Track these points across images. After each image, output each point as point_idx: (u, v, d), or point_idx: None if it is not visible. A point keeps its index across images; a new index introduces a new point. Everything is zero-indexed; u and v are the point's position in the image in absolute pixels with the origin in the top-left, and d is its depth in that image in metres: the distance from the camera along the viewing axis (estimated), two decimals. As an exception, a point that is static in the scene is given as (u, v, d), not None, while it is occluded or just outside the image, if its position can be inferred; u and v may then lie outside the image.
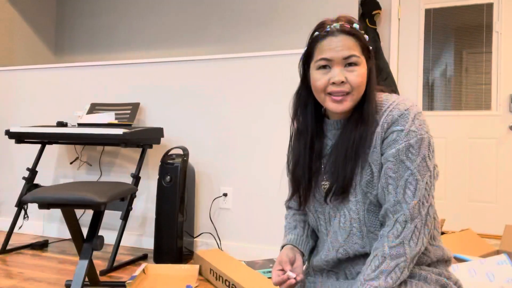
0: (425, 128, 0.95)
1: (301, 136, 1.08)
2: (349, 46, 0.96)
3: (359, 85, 0.97)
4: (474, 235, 2.20)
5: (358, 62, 0.97)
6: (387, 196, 0.94)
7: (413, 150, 0.92)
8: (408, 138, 0.92)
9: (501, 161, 3.14)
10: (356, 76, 0.96)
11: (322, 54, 0.98)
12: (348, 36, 0.97)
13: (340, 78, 0.95)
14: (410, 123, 0.93)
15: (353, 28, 0.98)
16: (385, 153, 0.95)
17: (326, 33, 0.98)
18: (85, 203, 1.59)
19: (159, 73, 2.79)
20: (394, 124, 0.95)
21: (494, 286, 1.58)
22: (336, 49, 0.96)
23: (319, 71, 0.99)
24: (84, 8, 4.31)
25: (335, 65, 0.97)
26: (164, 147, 2.74)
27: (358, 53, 0.97)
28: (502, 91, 3.15)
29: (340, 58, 0.96)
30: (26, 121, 3.17)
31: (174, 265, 2.13)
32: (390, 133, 0.95)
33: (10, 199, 3.18)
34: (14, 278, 2.05)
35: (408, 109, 0.95)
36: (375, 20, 3.38)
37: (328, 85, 0.98)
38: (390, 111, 0.96)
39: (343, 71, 0.97)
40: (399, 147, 0.93)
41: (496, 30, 3.19)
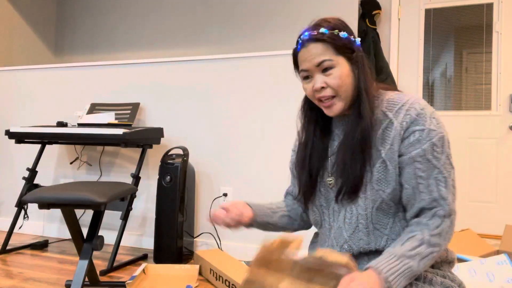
0: (443, 126, 0.96)
1: (308, 133, 1.11)
2: (319, 53, 0.98)
3: (340, 86, 0.98)
4: (474, 235, 2.20)
5: (333, 65, 0.98)
6: (419, 195, 0.94)
7: (437, 149, 0.94)
8: (430, 137, 0.94)
9: (501, 161, 3.14)
10: (334, 78, 0.98)
11: (301, 66, 1.02)
12: (316, 43, 0.98)
13: (319, 84, 0.98)
14: (429, 122, 0.94)
15: (320, 33, 0.99)
16: (408, 153, 0.95)
17: (300, 45, 1.02)
18: (85, 203, 1.59)
19: (159, 73, 2.79)
20: (413, 123, 0.95)
21: (494, 286, 1.58)
22: (308, 59, 0.99)
23: (305, 81, 1.03)
24: (84, 8, 4.31)
25: (313, 73, 1.00)
26: (164, 147, 2.74)
27: (330, 56, 0.98)
28: (502, 91, 3.15)
29: (313, 66, 0.99)
30: (26, 121, 3.17)
31: (174, 265, 2.13)
32: (411, 133, 0.95)
33: (10, 199, 3.18)
34: (14, 278, 2.05)
35: (423, 108, 0.96)
36: (375, 20, 3.38)
37: (314, 93, 1.01)
38: (408, 110, 0.96)
39: (322, 77, 0.99)
40: (424, 147, 0.93)
41: (496, 30, 3.19)
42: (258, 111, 2.54)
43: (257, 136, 2.54)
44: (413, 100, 0.98)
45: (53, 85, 3.09)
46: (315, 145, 1.10)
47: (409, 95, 1.01)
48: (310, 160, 1.09)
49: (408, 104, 0.97)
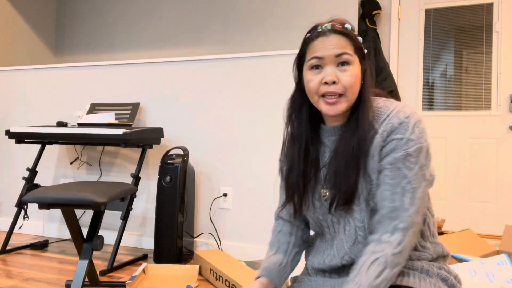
0: (425, 137, 0.94)
1: (296, 142, 1.05)
2: (341, 45, 0.95)
3: (352, 86, 0.94)
4: (474, 235, 2.20)
5: (351, 61, 0.95)
6: (383, 202, 0.92)
7: (411, 159, 0.91)
8: (407, 146, 0.91)
9: (501, 161, 3.14)
10: (349, 76, 0.94)
11: (314, 53, 0.97)
12: (340, 35, 0.96)
13: (332, 77, 0.93)
14: (410, 132, 0.92)
15: (345, 28, 0.97)
16: (381, 161, 0.93)
17: (317, 33, 0.97)
18: (85, 203, 1.59)
19: (159, 73, 2.79)
20: (393, 132, 0.93)
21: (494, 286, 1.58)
22: (328, 47, 0.95)
23: (312, 72, 0.97)
24: (84, 8, 4.31)
25: (327, 64, 0.95)
26: (164, 147, 2.74)
27: (350, 51, 0.95)
28: (502, 91, 3.15)
29: (332, 56, 0.95)
30: (26, 121, 3.17)
31: (174, 265, 2.13)
32: (389, 142, 0.93)
33: (10, 199, 3.18)
34: (14, 278, 2.05)
35: (408, 117, 0.93)
36: (375, 20, 3.38)
37: (321, 86, 0.96)
38: (390, 120, 0.94)
39: (336, 70, 0.95)
40: (397, 155, 0.91)
41: (496, 30, 3.19)
42: (259, 111, 2.54)
43: (257, 136, 2.54)
44: (398, 109, 0.95)
45: (53, 85, 3.09)
46: (309, 155, 1.03)
47: (395, 103, 0.98)
48: (303, 173, 1.03)
49: (393, 113, 0.95)
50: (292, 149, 1.05)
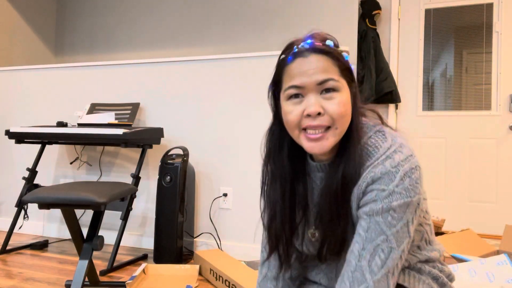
0: (417, 189, 0.77)
1: (277, 183, 0.90)
2: (324, 68, 0.79)
3: (341, 116, 0.79)
4: (474, 235, 2.20)
5: (338, 87, 0.79)
6: (350, 256, 0.79)
7: (394, 214, 0.76)
8: (390, 199, 0.76)
9: (501, 161, 3.14)
10: (337, 104, 0.78)
11: (291, 80, 0.80)
12: (321, 55, 0.80)
13: (316, 108, 0.78)
14: (396, 183, 0.76)
15: (327, 46, 0.81)
16: (360, 209, 0.80)
17: (294, 54, 0.81)
18: (85, 203, 1.59)
19: (159, 73, 2.79)
20: (375, 182, 0.78)
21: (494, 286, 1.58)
22: (307, 72, 0.79)
23: (290, 102, 0.81)
24: (84, 8, 4.31)
25: (308, 93, 0.79)
26: (164, 147, 2.74)
27: (336, 75, 0.79)
28: (502, 91, 3.15)
29: (313, 83, 0.78)
30: (26, 121, 3.17)
31: (174, 265, 2.13)
32: (368, 192, 0.79)
33: (10, 199, 3.18)
34: (14, 278, 2.05)
35: (396, 166, 0.77)
36: (375, 20, 3.38)
37: (302, 118, 0.80)
38: (374, 167, 0.78)
39: (319, 99, 0.79)
40: (376, 208, 0.77)
41: (496, 30, 3.19)
42: (259, 110, 2.54)
43: (257, 136, 2.54)
44: (388, 154, 0.79)
45: (53, 85, 3.09)
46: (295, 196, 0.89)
47: (389, 141, 0.81)
48: (289, 219, 0.89)
49: (380, 159, 0.79)
50: (274, 192, 0.90)
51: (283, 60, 0.84)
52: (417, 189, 0.78)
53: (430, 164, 3.33)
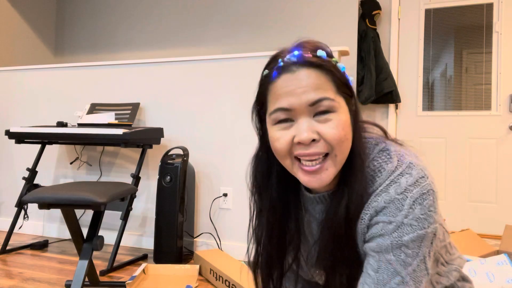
0: (431, 218, 0.65)
1: (264, 219, 0.78)
2: (316, 85, 0.65)
3: (341, 141, 0.66)
4: (474, 235, 2.20)
5: (334, 108, 0.66)
6: None
7: (408, 251, 0.64)
8: (400, 234, 0.64)
9: (501, 161, 3.14)
10: (334, 128, 0.65)
11: (277, 102, 0.67)
12: (312, 69, 0.66)
13: (309, 135, 0.65)
14: (405, 213, 0.64)
15: (318, 58, 0.67)
16: (367, 243, 0.69)
17: (279, 69, 0.67)
18: (85, 203, 1.59)
19: (159, 73, 2.79)
20: (379, 214, 0.66)
21: (494, 286, 1.58)
22: (295, 92, 0.65)
23: (277, 127, 0.68)
24: (84, 8, 4.31)
25: (299, 116, 0.66)
26: (164, 147, 2.74)
27: (331, 93, 0.66)
28: (502, 91, 3.15)
29: (303, 105, 0.65)
30: (26, 121, 3.16)
31: (174, 265, 2.13)
32: (374, 224, 0.67)
33: (10, 199, 3.18)
34: (14, 278, 2.05)
35: (404, 192, 0.65)
36: (375, 20, 3.38)
37: (293, 146, 0.67)
38: (376, 195, 0.67)
39: (313, 123, 0.66)
40: (384, 244, 0.65)
41: (496, 30, 3.19)
42: (258, 111, 2.54)
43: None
44: (394, 177, 0.67)
45: (53, 85, 3.09)
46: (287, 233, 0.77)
47: (394, 161, 0.68)
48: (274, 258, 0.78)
49: (384, 185, 0.67)
50: (260, 230, 0.79)
51: (266, 77, 0.70)
52: (431, 218, 0.65)
53: (430, 164, 3.33)
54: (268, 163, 0.78)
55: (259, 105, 0.74)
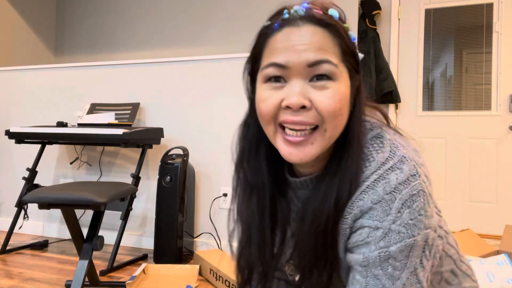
0: (421, 223, 0.57)
1: (253, 196, 0.71)
2: (320, 45, 0.57)
3: (334, 114, 0.57)
4: (474, 235, 2.20)
5: (334, 75, 0.58)
6: None
7: (396, 263, 0.56)
8: (387, 243, 0.56)
9: (501, 161, 3.14)
10: (330, 97, 0.57)
11: (272, 56, 0.60)
12: (319, 27, 0.58)
13: (299, 99, 0.56)
14: (392, 217, 0.56)
15: (328, 16, 0.59)
16: (350, 253, 0.61)
17: (282, 21, 0.60)
18: (85, 203, 1.59)
19: (159, 73, 2.79)
20: (364, 215, 0.58)
21: (494, 286, 1.58)
22: (295, 47, 0.57)
23: (267, 86, 0.60)
24: (84, 8, 4.31)
25: (293, 76, 0.58)
26: (164, 147, 2.74)
27: (335, 58, 0.58)
28: (502, 91, 3.15)
29: (301, 64, 0.57)
30: (26, 121, 3.16)
31: (174, 265, 2.13)
32: (359, 228, 0.59)
33: (10, 199, 3.18)
34: (14, 278, 2.05)
35: (393, 192, 0.56)
36: (375, 20, 3.37)
37: (280, 110, 0.59)
38: (363, 192, 0.58)
39: (307, 87, 0.58)
40: (370, 255, 0.57)
41: (496, 30, 3.19)
42: (258, 111, 2.54)
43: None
44: (383, 171, 0.58)
45: (53, 85, 3.09)
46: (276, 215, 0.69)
47: (387, 152, 0.59)
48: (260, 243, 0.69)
49: (371, 179, 0.58)
50: (248, 208, 0.71)
51: (267, 28, 0.63)
52: (422, 223, 0.57)
53: (430, 164, 3.33)
54: (258, 131, 0.69)
55: (252, 61, 0.66)
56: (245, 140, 0.73)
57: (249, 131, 0.72)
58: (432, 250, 0.59)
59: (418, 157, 0.62)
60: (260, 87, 0.62)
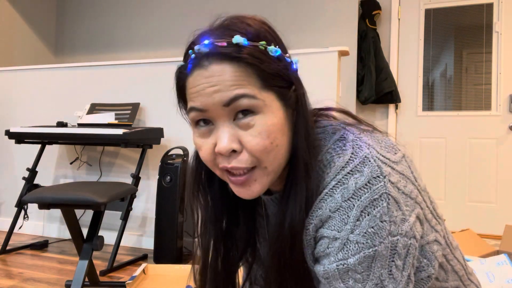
0: (384, 231, 0.52)
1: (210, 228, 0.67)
2: (231, 82, 0.53)
3: (266, 151, 0.54)
4: (474, 235, 2.20)
5: (256, 107, 0.54)
6: None
7: (356, 275, 0.53)
8: (344, 254, 0.53)
9: (501, 161, 3.14)
10: (257, 135, 0.54)
11: (191, 101, 0.56)
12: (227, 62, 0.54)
13: (228, 145, 0.54)
14: (350, 227, 0.52)
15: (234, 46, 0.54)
16: (317, 263, 0.58)
17: (191, 63, 0.57)
18: (85, 203, 1.59)
19: (159, 73, 2.79)
20: (324, 225, 0.55)
21: (494, 286, 1.58)
22: (206, 91, 0.54)
23: (197, 132, 0.58)
24: (84, 8, 4.31)
25: (217, 119, 0.55)
26: (164, 147, 2.74)
27: (253, 89, 0.53)
28: (502, 91, 3.15)
29: (217, 105, 0.54)
30: (26, 121, 3.16)
31: (174, 265, 2.13)
32: (320, 238, 0.56)
33: (10, 199, 3.18)
34: (14, 278, 2.05)
35: (351, 199, 0.53)
36: (375, 20, 3.38)
37: (217, 156, 0.57)
38: (321, 200, 0.55)
39: (234, 128, 0.55)
40: (331, 269, 0.54)
41: (496, 30, 3.19)
42: (258, 111, 2.54)
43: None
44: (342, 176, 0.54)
45: (53, 85, 3.09)
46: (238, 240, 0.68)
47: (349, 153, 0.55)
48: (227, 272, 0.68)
49: (330, 185, 0.55)
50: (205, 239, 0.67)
51: (181, 71, 0.60)
52: (384, 231, 0.51)
53: (430, 164, 3.33)
54: None
55: (183, 101, 0.62)
56: (197, 173, 0.68)
57: (200, 165, 0.67)
58: (407, 259, 0.54)
59: (392, 153, 0.57)
60: (193, 132, 0.60)
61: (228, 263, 0.68)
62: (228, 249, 0.68)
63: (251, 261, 0.70)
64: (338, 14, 3.38)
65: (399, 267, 0.54)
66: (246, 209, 0.69)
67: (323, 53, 2.39)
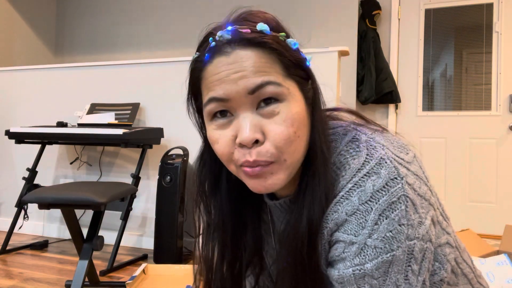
0: (402, 235, 0.51)
1: (214, 236, 0.65)
2: (257, 68, 0.51)
3: (289, 140, 0.52)
4: (474, 235, 2.20)
5: (281, 95, 0.52)
6: None
7: (373, 281, 0.51)
8: (362, 260, 0.51)
9: (501, 161, 3.14)
10: (283, 124, 0.52)
11: (210, 91, 0.54)
12: (252, 49, 0.52)
13: (251, 134, 0.51)
14: (368, 231, 0.51)
15: (259, 32, 0.53)
16: (331, 267, 0.57)
17: (210, 51, 0.54)
18: (85, 203, 1.59)
19: (159, 73, 2.79)
20: (340, 228, 0.53)
21: (494, 286, 1.58)
22: (230, 77, 0.52)
23: (214, 125, 0.55)
24: (84, 8, 4.31)
25: (238, 108, 0.53)
26: (164, 147, 2.74)
27: (277, 76, 0.52)
28: (502, 91, 3.15)
29: (242, 93, 0.52)
30: (26, 121, 3.16)
31: (174, 265, 2.13)
32: (335, 242, 0.55)
33: (10, 199, 3.18)
34: (14, 278, 2.05)
35: (369, 201, 0.51)
36: (375, 20, 3.38)
37: (236, 149, 0.54)
38: (337, 203, 0.53)
39: (257, 117, 0.53)
40: (347, 274, 0.53)
41: (496, 30, 3.19)
42: (258, 111, 2.54)
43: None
44: (359, 179, 0.52)
45: (53, 85, 3.09)
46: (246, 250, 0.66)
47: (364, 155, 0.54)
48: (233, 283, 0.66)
49: (347, 188, 0.53)
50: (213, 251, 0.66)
51: (197, 61, 0.57)
52: (402, 235, 0.50)
53: (430, 164, 3.33)
54: (215, 166, 0.64)
55: (194, 98, 0.62)
56: (202, 176, 0.66)
57: (206, 167, 0.65)
58: (423, 263, 0.53)
59: (404, 153, 0.55)
60: (208, 127, 0.57)
61: (235, 271, 0.66)
62: (235, 256, 0.65)
63: (258, 271, 0.68)
64: (338, 14, 3.38)
65: (415, 271, 0.52)
66: (252, 215, 0.66)
67: (323, 53, 2.39)
